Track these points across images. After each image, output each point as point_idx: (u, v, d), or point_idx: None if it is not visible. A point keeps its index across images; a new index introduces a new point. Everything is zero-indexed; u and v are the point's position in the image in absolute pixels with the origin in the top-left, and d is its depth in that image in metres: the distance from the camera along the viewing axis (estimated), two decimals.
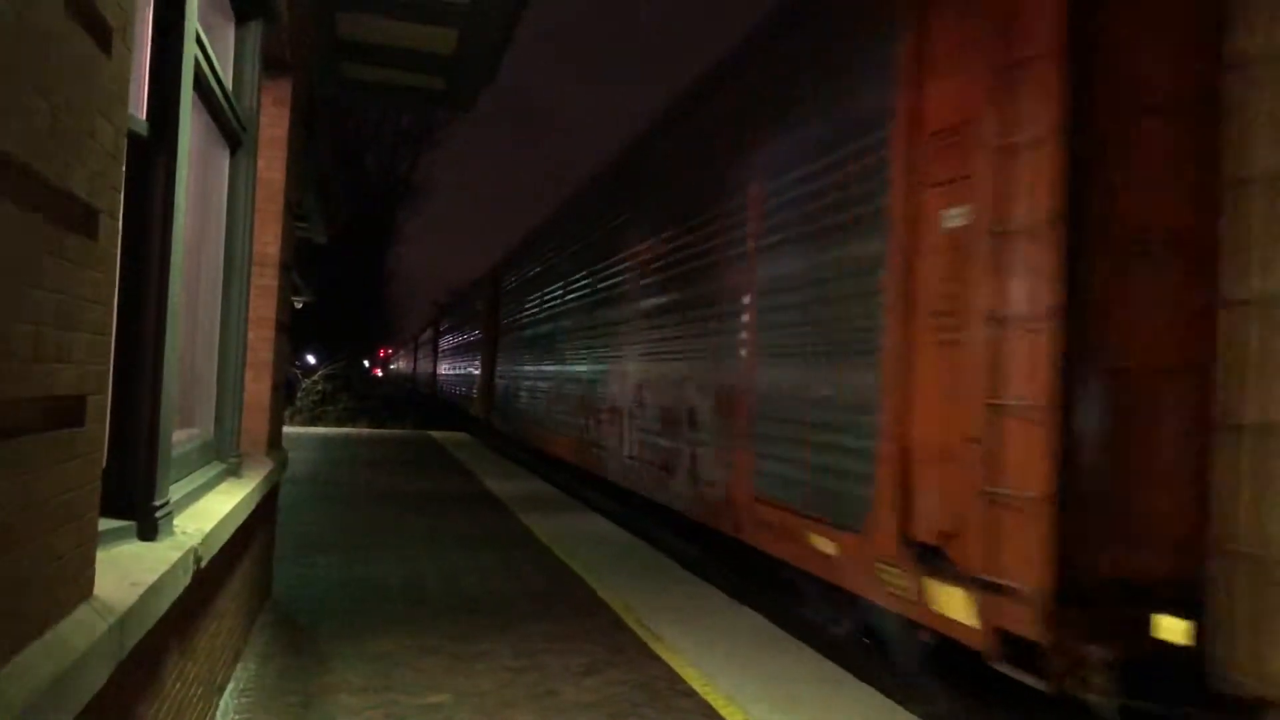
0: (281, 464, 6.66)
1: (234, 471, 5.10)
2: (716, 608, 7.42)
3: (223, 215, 5.06)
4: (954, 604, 4.72)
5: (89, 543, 2.26)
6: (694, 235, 8.97)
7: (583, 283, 14.00)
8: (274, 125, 6.13)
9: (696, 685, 5.45)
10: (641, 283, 10.76)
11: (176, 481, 3.73)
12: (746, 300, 7.54)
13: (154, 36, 3.22)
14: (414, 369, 57.66)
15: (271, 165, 6.05)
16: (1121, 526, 4.27)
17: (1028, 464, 4.29)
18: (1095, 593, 4.24)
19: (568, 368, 14.87)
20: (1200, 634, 3.93)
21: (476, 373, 26.17)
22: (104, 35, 2.12)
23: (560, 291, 15.81)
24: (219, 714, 4.50)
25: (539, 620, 6.71)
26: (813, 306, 6.41)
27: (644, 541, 10.37)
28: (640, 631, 6.56)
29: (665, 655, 6.03)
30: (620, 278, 11.75)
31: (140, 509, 3.11)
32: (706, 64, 9.46)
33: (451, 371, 34.76)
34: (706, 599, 7.72)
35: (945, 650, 5.14)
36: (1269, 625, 3.62)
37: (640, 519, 11.62)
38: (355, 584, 7.58)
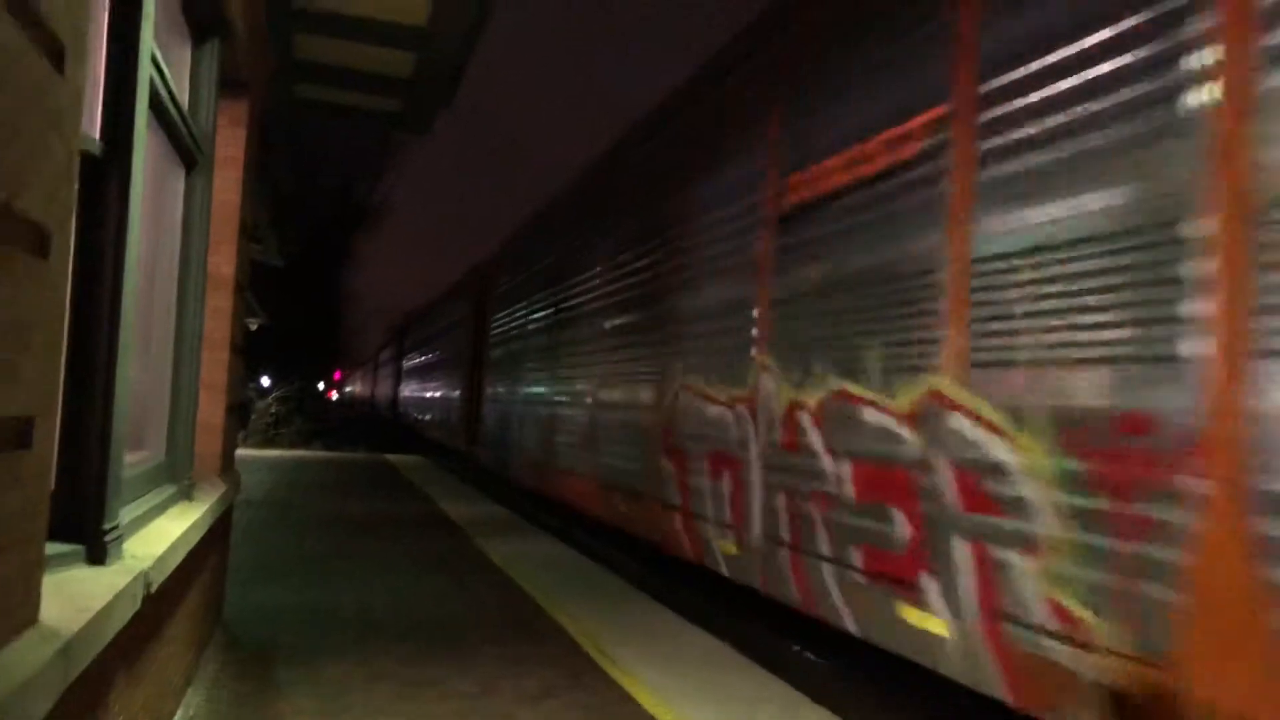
0: (235, 487, 6.58)
1: (186, 494, 5.03)
2: (671, 629, 7.41)
3: (177, 235, 5.02)
4: None
5: (35, 567, 2.23)
6: None
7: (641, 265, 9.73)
8: (230, 146, 6.09)
9: (652, 708, 5.44)
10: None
11: (127, 504, 3.68)
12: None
13: (109, 55, 3.20)
14: (372, 391, 57.20)
15: (227, 186, 6.00)
16: None
17: None
18: None
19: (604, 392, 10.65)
20: None
21: (455, 395, 22.45)
22: (57, 53, 2.10)
23: (597, 285, 11.37)
24: None
25: (493, 644, 6.66)
26: None
27: (598, 564, 10.34)
28: (595, 654, 6.53)
29: (620, 678, 6.01)
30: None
31: (90, 533, 3.06)
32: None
33: (419, 394, 31.80)
34: (660, 621, 7.71)
35: None
36: None
37: (593, 541, 11.57)
38: (308, 609, 7.48)
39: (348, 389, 76.36)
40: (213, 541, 5.68)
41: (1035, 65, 4.31)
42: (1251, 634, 3.08)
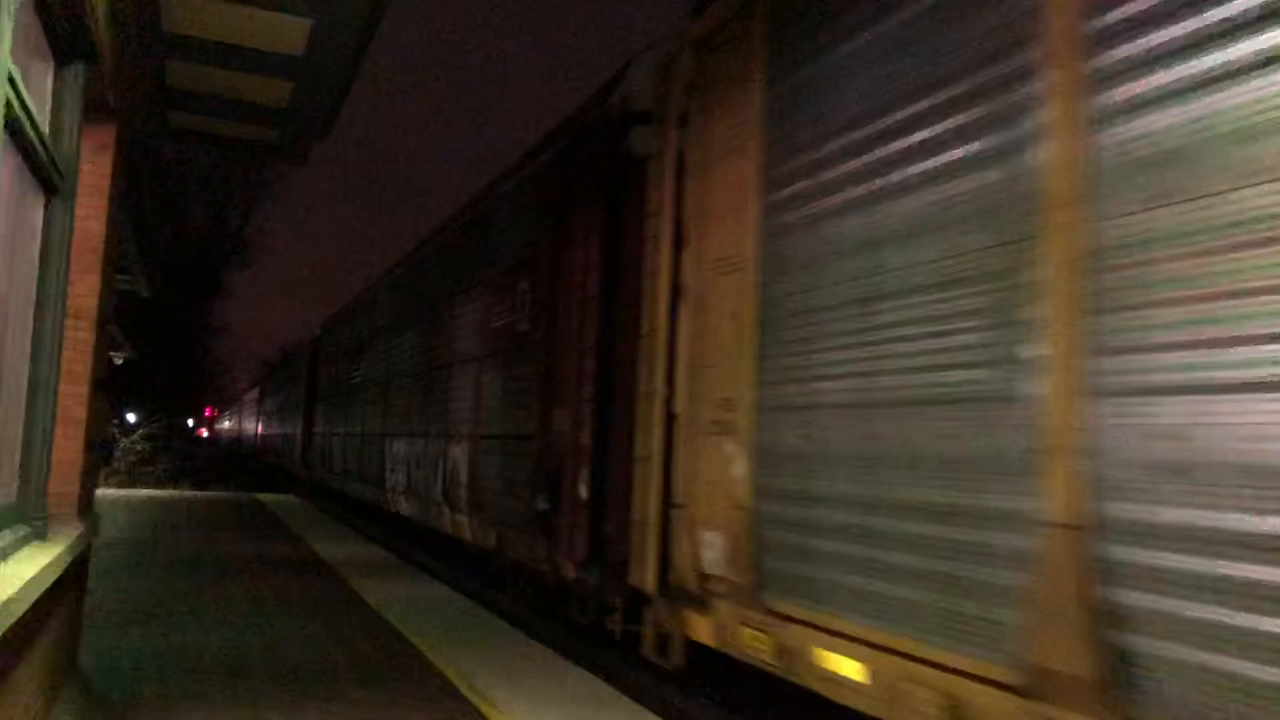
0: (93, 528, 6.30)
1: (39, 535, 4.79)
2: (549, 668, 7.35)
3: (35, 264, 4.80)
4: None
5: None
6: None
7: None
8: (95, 172, 5.87)
9: None
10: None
11: None
12: None
13: None
14: (240, 429, 56.08)
15: (91, 214, 5.78)
16: None
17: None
18: None
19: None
20: None
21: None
22: None
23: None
24: None
25: (368, 689, 6.50)
26: None
27: (476, 604, 10.21)
28: (473, 696, 6.43)
29: (496, 718, 5.92)
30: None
31: None
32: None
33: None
34: (539, 659, 7.64)
35: None
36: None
37: (474, 581, 11.47)
38: (172, 655, 7.18)
39: (220, 426, 74.07)
40: (67, 585, 5.41)
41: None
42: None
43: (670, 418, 6.18)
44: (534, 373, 9.02)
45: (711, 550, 5.56)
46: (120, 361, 22.75)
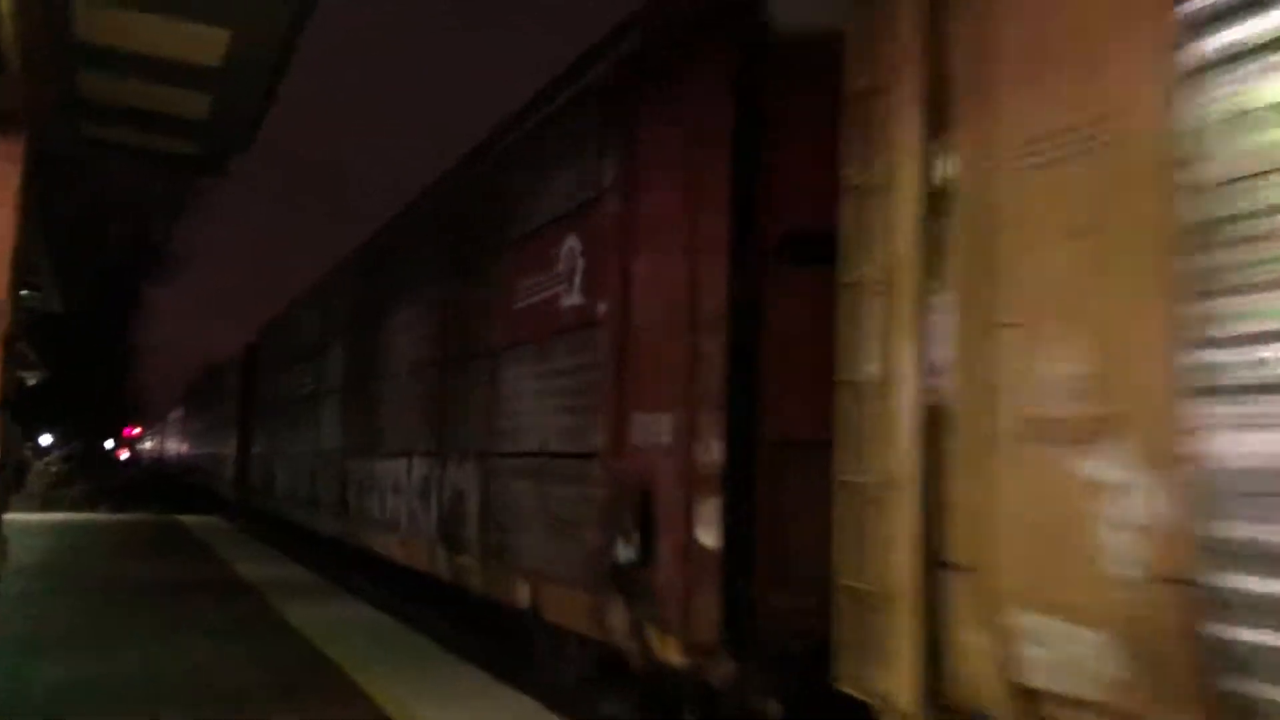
0: (2, 552, 6.09)
1: None
2: (479, 688, 7.25)
3: None
4: None
5: None
6: None
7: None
8: (2, 184, 5.69)
9: None
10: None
11: None
12: None
13: None
14: (162, 449, 54.94)
15: None
16: None
17: None
18: None
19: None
20: None
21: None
22: None
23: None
24: None
25: (292, 714, 6.35)
26: None
27: (406, 625, 10.05)
28: (400, 717, 6.31)
29: None
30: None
31: None
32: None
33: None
34: (469, 679, 7.53)
35: None
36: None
37: (402, 602, 11.28)
38: (84, 685, 6.94)
39: (142, 447, 72.38)
40: None
41: None
42: None
43: (932, 418, 3.74)
44: (594, 363, 6.39)
45: (1050, 649, 3.20)
46: (33, 382, 22.11)
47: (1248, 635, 2.56)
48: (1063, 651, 3.12)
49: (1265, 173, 2.61)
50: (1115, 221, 3.07)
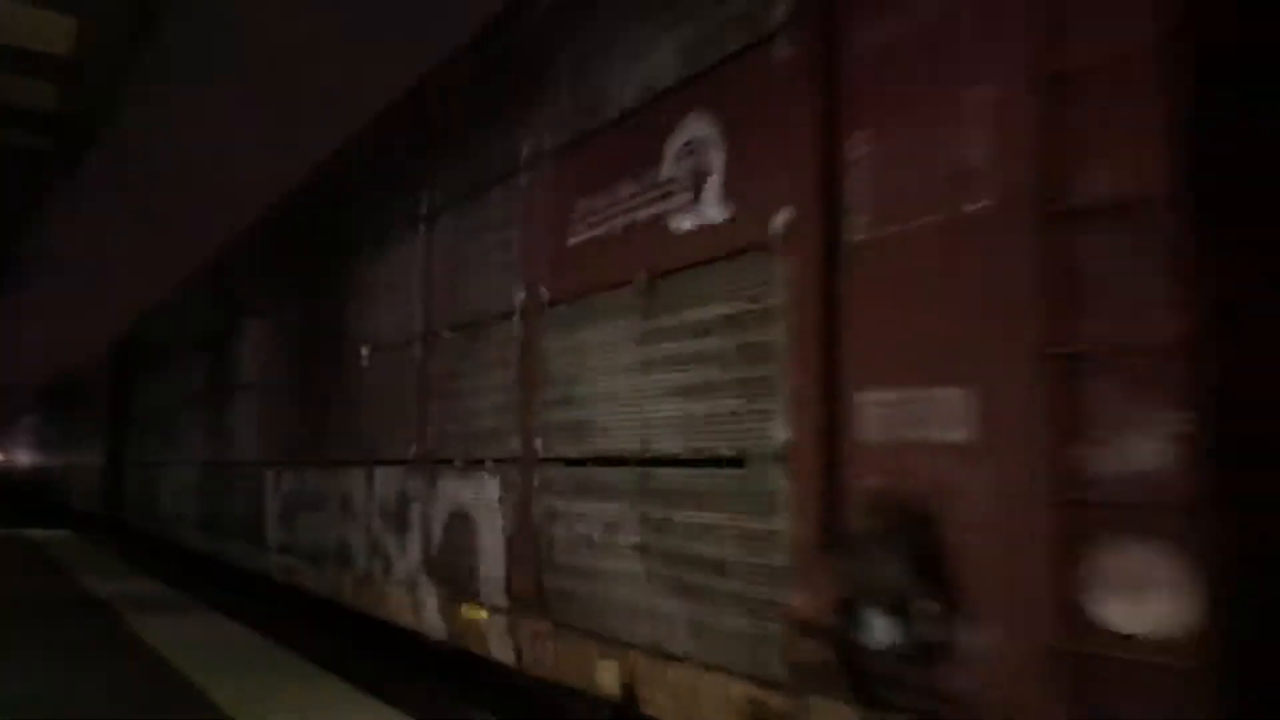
0: None
1: None
2: (343, 701, 7.03)
3: None
4: None
5: None
6: None
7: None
8: None
9: None
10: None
11: None
12: None
13: None
14: (9, 461, 52.44)
15: None
16: None
17: None
18: None
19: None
20: None
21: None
22: None
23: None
24: None
25: None
26: None
27: (270, 639, 9.71)
28: None
29: None
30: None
31: None
32: None
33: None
34: (333, 693, 7.30)
35: None
36: None
37: (269, 617, 10.93)
38: None
39: None
40: None
41: None
42: None
43: None
44: (764, 312, 3.85)
45: None
46: None
47: None
48: None
49: None
50: None
